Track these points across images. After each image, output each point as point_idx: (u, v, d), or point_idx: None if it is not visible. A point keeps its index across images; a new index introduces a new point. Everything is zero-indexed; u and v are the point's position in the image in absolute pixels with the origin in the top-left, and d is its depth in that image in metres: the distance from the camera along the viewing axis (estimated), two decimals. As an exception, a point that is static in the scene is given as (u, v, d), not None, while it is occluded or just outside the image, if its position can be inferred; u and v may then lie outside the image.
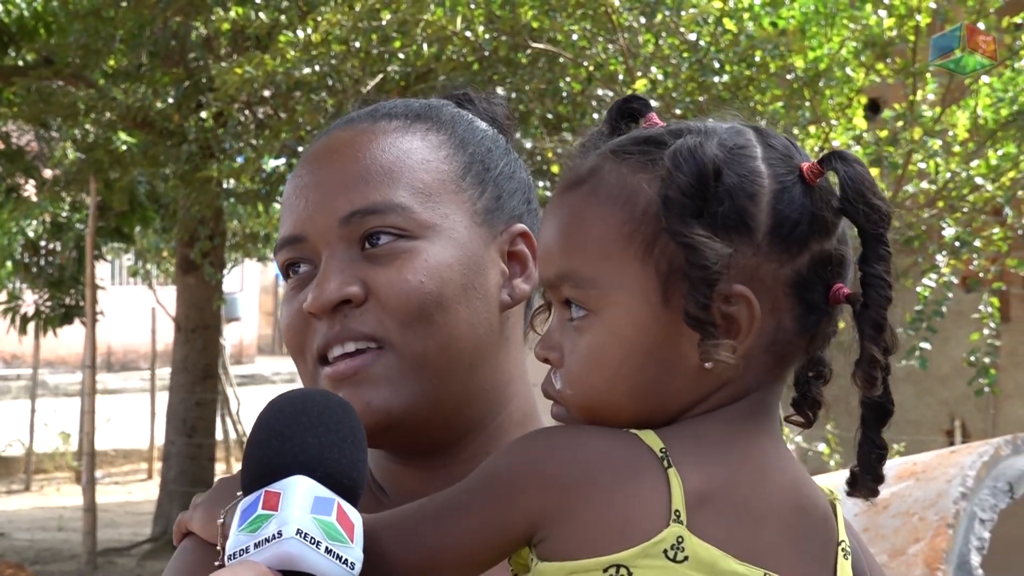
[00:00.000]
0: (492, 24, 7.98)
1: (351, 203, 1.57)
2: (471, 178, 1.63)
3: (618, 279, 1.36)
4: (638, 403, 1.37)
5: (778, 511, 1.36)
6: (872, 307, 1.35)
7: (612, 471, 1.32)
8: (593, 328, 1.37)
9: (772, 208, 1.36)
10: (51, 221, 14.75)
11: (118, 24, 11.36)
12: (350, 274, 1.56)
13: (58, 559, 13.40)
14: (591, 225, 1.38)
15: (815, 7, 7.51)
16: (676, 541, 1.30)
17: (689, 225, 1.32)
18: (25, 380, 22.92)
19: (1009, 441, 3.56)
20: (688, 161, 1.34)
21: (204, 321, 13.83)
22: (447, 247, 1.58)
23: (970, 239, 7.43)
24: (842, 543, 1.41)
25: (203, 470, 13.61)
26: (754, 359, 1.36)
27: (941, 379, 10.83)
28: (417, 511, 1.38)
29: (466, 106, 1.74)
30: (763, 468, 1.37)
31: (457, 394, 1.58)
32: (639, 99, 1.47)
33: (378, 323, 1.55)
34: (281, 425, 1.38)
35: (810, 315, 1.38)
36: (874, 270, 1.36)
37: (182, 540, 1.58)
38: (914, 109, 7.48)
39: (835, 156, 1.37)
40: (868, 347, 1.35)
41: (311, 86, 8.95)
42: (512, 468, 1.35)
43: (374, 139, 1.62)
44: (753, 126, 1.42)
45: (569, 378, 1.39)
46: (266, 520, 1.31)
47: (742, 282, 1.34)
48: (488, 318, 1.59)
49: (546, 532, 1.33)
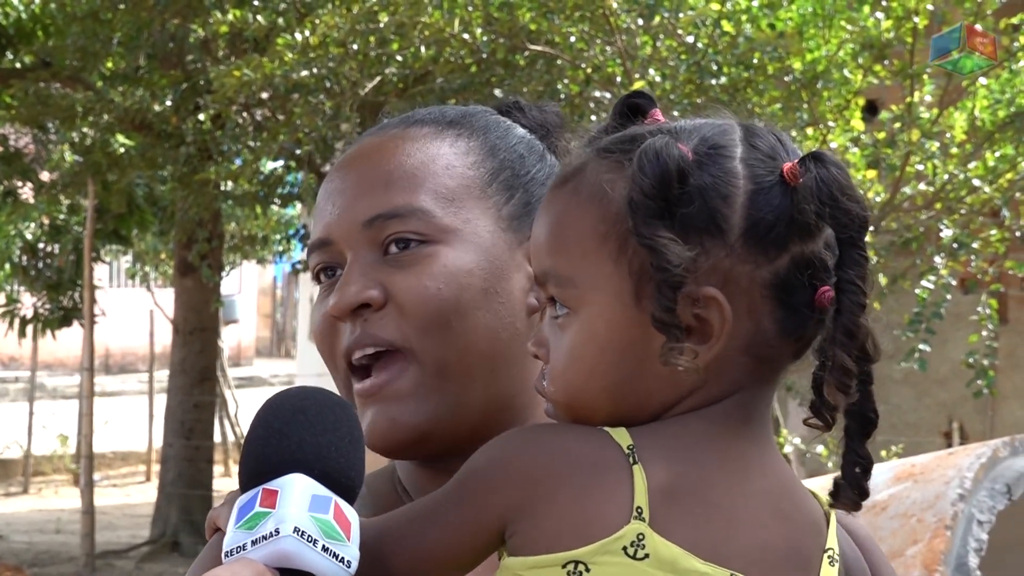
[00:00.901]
0: (490, 26, 7.98)
1: (373, 207, 1.58)
2: (498, 184, 1.63)
3: (594, 278, 1.36)
4: (614, 401, 1.36)
5: (754, 514, 1.35)
6: (845, 313, 1.33)
7: (577, 468, 1.32)
8: (572, 326, 1.38)
9: (746, 209, 1.34)
10: (49, 224, 14.75)
11: (116, 27, 11.36)
12: (371, 278, 1.56)
13: (56, 561, 13.40)
14: (571, 224, 1.38)
15: (813, 9, 7.52)
16: (636, 538, 1.30)
17: (652, 227, 1.31)
18: (23, 382, 22.93)
19: (1007, 443, 3.56)
20: (652, 162, 1.33)
21: (202, 323, 13.83)
22: (468, 252, 1.58)
23: (968, 241, 7.43)
24: (829, 550, 1.40)
25: (201, 472, 13.60)
26: (731, 361, 1.35)
27: (939, 381, 10.83)
28: (407, 513, 1.39)
29: (514, 114, 1.74)
30: (740, 469, 1.36)
31: (481, 399, 1.57)
32: (643, 95, 1.47)
33: (397, 329, 1.55)
34: (279, 423, 1.38)
35: (792, 318, 1.36)
36: (847, 275, 1.33)
37: (213, 535, 1.58)
38: (912, 111, 7.49)
39: (810, 157, 1.35)
40: (839, 355, 1.33)
41: (309, 88, 8.95)
42: (485, 465, 1.36)
43: (401, 144, 1.63)
44: (744, 124, 1.41)
45: (552, 375, 1.40)
46: (264, 518, 1.31)
47: (715, 284, 1.33)
48: (512, 323, 1.59)
49: (514, 527, 1.34)
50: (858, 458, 1.36)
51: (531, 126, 1.73)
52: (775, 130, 1.42)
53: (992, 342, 7.39)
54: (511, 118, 1.73)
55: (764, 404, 1.40)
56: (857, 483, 1.37)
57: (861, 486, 1.37)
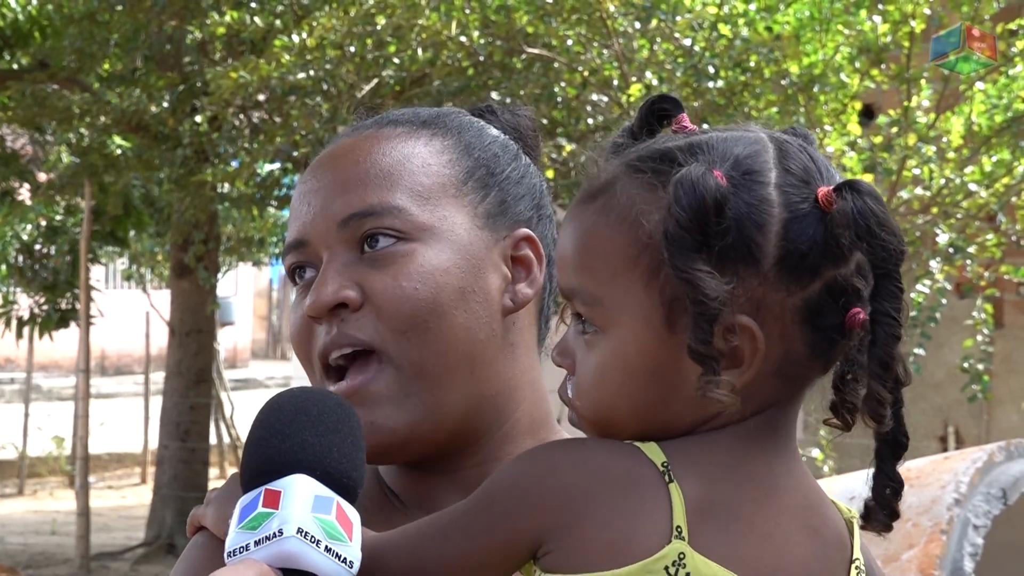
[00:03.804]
0: (487, 29, 7.98)
1: (349, 206, 1.58)
2: (474, 182, 1.63)
3: (623, 301, 1.35)
4: (642, 422, 1.36)
5: (785, 529, 1.35)
6: (880, 345, 1.33)
7: (613, 487, 1.32)
8: (600, 345, 1.37)
9: (781, 238, 1.33)
10: (46, 225, 14.74)
11: (113, 28, 11.35)
12: (347, 277, 1.56)
13: (51, 563, 13.38)
14: (600, 244, 1.37)
15: (810, 13, 7.52)
16: (678, 557, 1.29)
17: (689, 259, 1.30)
18: (19, 384, 22.91)
19: (1003, 447, 3.56)
20: (689, 194, 1.31)
21: (198, 325, 13.81)
22: (444, 250, 1.57)
23: (964, 245, 7.44)
24: (856, 561, 1.40)
25: (197, 474, 13.58)
26: (761, 383, 1.35)
27: (935, 385, 10.83)
28: (422, 530, 1.38)
29: (487, 116, 1.74)
30: (770, 486, 1.36)
31: (460, 401, 1.57)
32: (670, 99, 1.45)
33: (374, 329, 1.55)
34: (281, 423, 1.38)
35: (823, 340, 1.36)
36: (882, 307, 1.33)
37: (195, 534, 1.58)
38: (908, 115, 7.49)
39: (847, 187, 1.33)
40: (874, 385, 1.33)
41: (306, 91, 8.95)
42: (514, 485, 1.35)
43: (376, 144, 1.63)
44: (777, 142, 1.39)
45: (578, 390, 1.39)
46: (267, 518, 1.32)
47: (747, 312, 1.33)
48: (489, 322, 1.58)
49: (549, 546, 1.33)
50: (889, 481, 1.36)
51: (503, 129, 1.73)
52: (807, 146, 1.40)
53: (988, 347, 7.39)
54: (484, 120, 1.73)
55: (791, 419, 1.40)
56: (888, 505, 1.37)
57: (892, 508, 1.37)
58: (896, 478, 1.36)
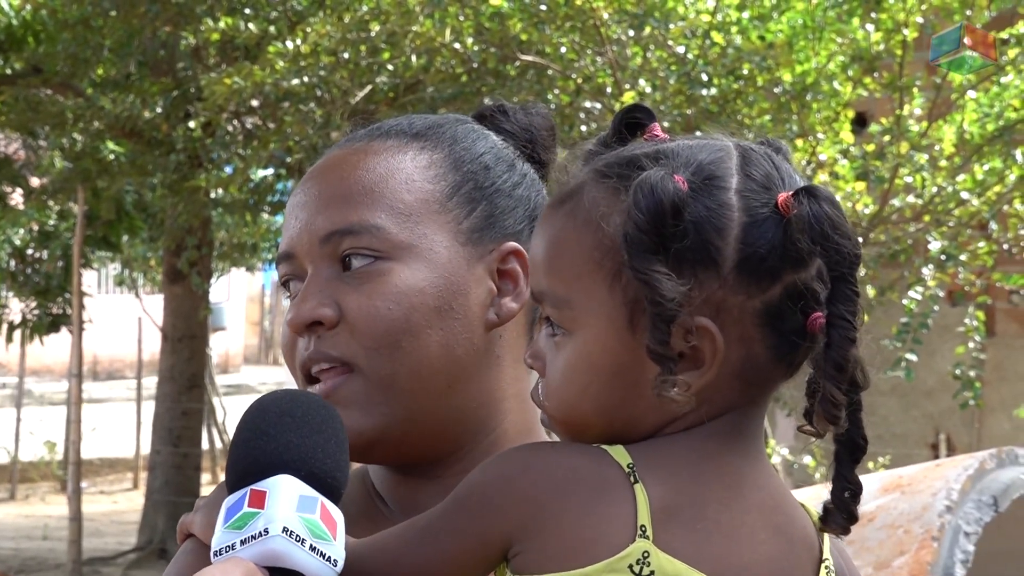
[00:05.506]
0: (481, 36, 8.00)
1: (331, 223, 1.59)
2: (459, 197, 1.63)
3: (588, 303, 1.37)
4: (606, 421, 1.38)
5: (751, 527, 1.36)
6: (834, 347, 1.34)
7: (579, 488, 1.33)
8: (567, 347, 1.39)
9: (740, 242, 1.35)
10: (38, 230, 14.74)
11: (107, 34, 11.35)
12: (327, 294, 1.58)
13: (43, 568, 13.37)
14: (567, 248, 1.39)
15: (803, 21, 7.55)
16: (642, 556, 1.31)
17: (647, 261, 1.32)
18: (11, 389, 22.88)
19: (994, 455, 3.57)
20: (647, 197, 1.33)
21: (191, 330, 13.81)
22: (421, 269, 1.58)
23: (956, 253, 7.46)
24: (825, 561, 1.41)
25: (189, 480, 13.58)
26: (723, 385, 1.36)
27: (926, 392, 10.86)
28: (400, 534, 1.40)
29: (497, 118, 1.74)
30: (736, 485, 1.37)
31: (436, 413, 1.58)
32: (642, 109, 1.47)
33: (347, 347, 1.56)
34: (266, 424, 1.40)
35: (784, 344, 1.37)
36: (838, 310, 1.34)
37: (184, 541, 1.59)
38: (901, 123, 7.52)
39: (804, 192, 1.35)
40: (828, 387, 1.34)
41: (300, 97, 8.96)
42: (484, 487, 1.37)
43: (364, 159, 1.63)
44: (742, 149, 1.40)
45: (547, 391, 1.41)
46: (252, 518, 1.34)
47: (707, 314, 1.34)
48: (469, 338, 1.59)
49: (518, 547, 1.35)
50: (847, 483, 1.38)
51: (514, 131, 1.73)
52: (772, 154, 1.42)
53: (979, 354, 7.41)
54: (493, 123, 1.73)
55: (756, 422, 1.41)
56: (846, 508, 1.38)
57: (850, 511, 1.38)
58: (854, 481, 1.38)
